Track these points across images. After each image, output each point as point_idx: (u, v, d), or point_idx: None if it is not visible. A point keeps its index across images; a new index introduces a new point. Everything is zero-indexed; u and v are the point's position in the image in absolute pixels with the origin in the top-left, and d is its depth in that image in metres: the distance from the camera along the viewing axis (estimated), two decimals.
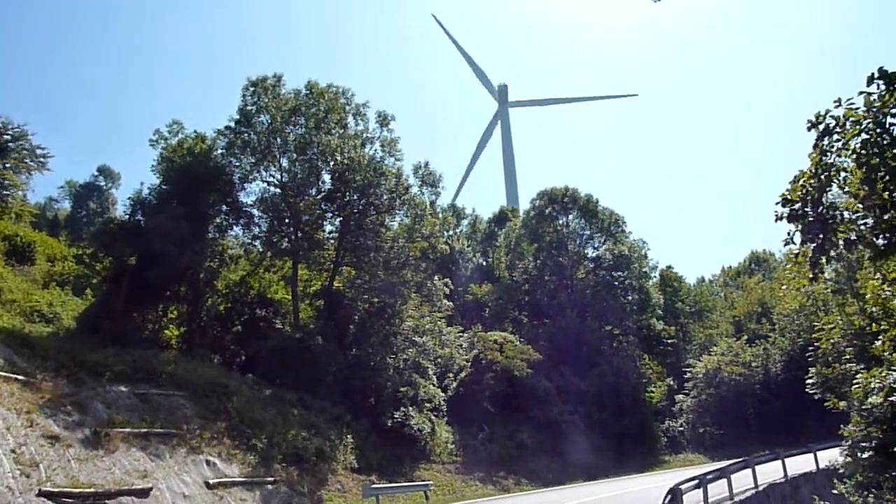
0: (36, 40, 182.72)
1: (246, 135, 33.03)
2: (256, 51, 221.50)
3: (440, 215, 46.20)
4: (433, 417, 31.96)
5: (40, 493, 13.97)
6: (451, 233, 56.32)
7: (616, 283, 48.97)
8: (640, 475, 34.45)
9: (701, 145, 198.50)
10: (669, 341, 57.32)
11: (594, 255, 51.07)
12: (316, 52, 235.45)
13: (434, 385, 33.94)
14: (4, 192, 32.12)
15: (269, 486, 21.05)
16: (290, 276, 34.49)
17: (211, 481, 19.06)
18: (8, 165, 31.58)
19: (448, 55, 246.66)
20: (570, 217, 51.42)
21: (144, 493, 16.34)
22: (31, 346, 20.95)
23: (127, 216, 33.13)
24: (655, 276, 58.47)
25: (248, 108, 33.05)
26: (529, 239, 50.61)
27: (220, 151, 33.59)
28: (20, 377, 18.29)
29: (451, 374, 37.32)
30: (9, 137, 31.01)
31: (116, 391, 20.47)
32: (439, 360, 36.58)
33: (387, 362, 31.95)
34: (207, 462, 19.88)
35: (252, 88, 33.07)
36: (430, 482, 27.04)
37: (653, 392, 50.65)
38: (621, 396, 43.57)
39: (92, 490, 15.17)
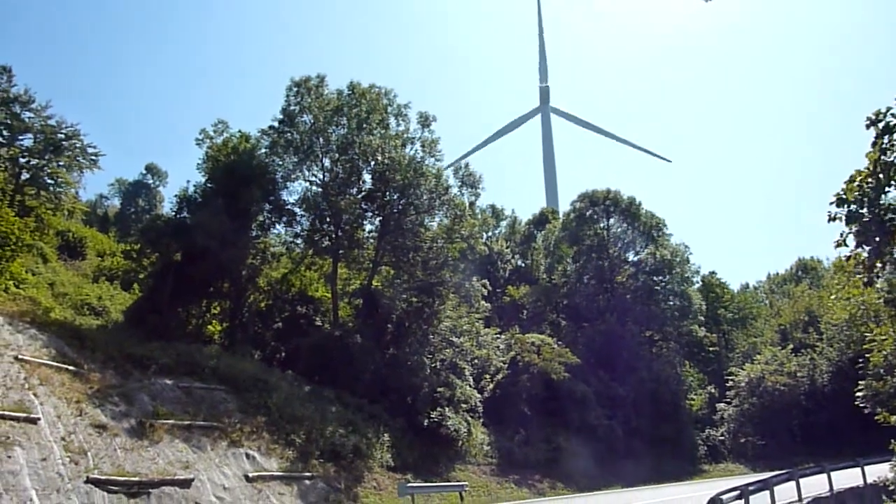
0: (88, 41, 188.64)
1: (289, 134, 33.48)
2: (302, 51, 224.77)
3: (479, 216, 46.12)
4: (469, 418, 31.91)
5: (88, 480, 14.42)
6: (490, 234, 56.17)
7: (657, 287, 48.24)
8: (679, 483, 33.85)
9: (747, 149, 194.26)
10: (711, 348, 56.18)
11: (635, 258, 50.37)
12: (356, 45, 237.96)
13: (471, 386, 33.90)
14: (58, 190, 33.12)
15: (307, 482, 21.30)
16: (330, 274, 34.84)
17: (250, 474, 19.40)
18: (62, 164, 32.58)
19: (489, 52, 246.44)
20: (612, 220, 50.73)
21: (186, 483, 16.73)
22: (81, 339, 21.65)
23: (173, 213, 33.87)
24: (698, 282, 57.32)
25: (292, 108, 33.50)
26: (569, 241, 50.16)
27: (263, 151, 34.11)
28: (70, 368, 18.93)
29: (487, 376, 37.24)
30: (62, 136, 31.98)
31: (161, 383, 21.03)
32: (476, 361, 36.54)
33: (424, 362, 32.02)
34: (247, 455, 20.24)
35: (295, 89, 33.52)
36: (466, 483, 27.02)
37: (693, 399, 49.71)
38: (661, 403, 42.84)
39: (137, 479, 15.60)
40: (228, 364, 24.77)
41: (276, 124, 33.70)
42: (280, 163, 34.12)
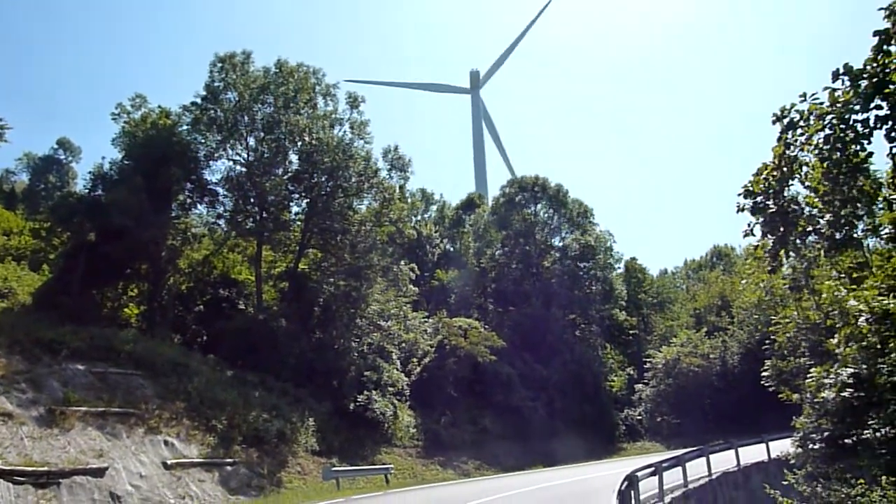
0: None
1: (212, 111, 32.41)
2: (230, 27, 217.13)
3: (409, 200, 46.05)
4: (396, 402, 32.01)
5: None
6: (419, 218, 56.21)
7: (581, 273, 49.54)
8: (599, 462, 35.05)
9: (668, 139, 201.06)
10: (631, 332, 58.26)
11: (561, 244, 51.53)
12: (290, 28, 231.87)
13: (398, 369, 33.98)
14: None
15: (229, 468, 20.90)
16: (254, 256, 34.08)
17: (169, 461, 18.84)
18: None
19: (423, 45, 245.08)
20: (539, 206, 51.74)
21: (100, 472, 16.08)
22: None
23: (87, 190, 32.28)
24: (620, 268, 59.26)
25: (216, 84, 32.42)
26: (498, 226, 50.79)
27: (185, 128, 32.96)
28: None
29: (415, 359, 37.41)
30: None
31: (73, 369, 20.03)
32: (404, 344, 36.66)
33: (351, 346, 31.90)
34: (165, 442, 19.65)
35: (220, 64, 32.44)
36: (391, 465, 27.12)
37: (614, 381, 51.46)
38: (583, 384, 44.19)
39: (46, 469, 14.86)
40: (146, 348, 23.86)
41: (198, 101, 32.58)
42: (202, 141, 33.05)
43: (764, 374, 23.93)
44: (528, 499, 18.63)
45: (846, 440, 11.87)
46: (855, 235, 6.94)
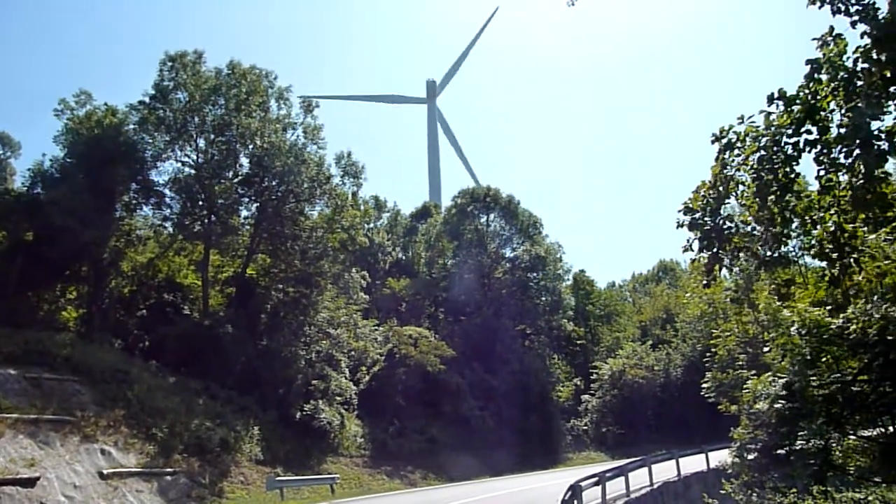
0: None
1: (161, 111, 31.67)
2: (181, 34, 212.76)
3: (361, 207, 45.76)
4: (343, 411, 31.71)
5: None
6: (371, 225, 55.90)
7: (531, 283, 50.05)
8: (545, 472, 35.36)
9: (620, 154, 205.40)
10: (579, 342, 59.12)
11: (512, 255, 51.99)
12: (246, 31, 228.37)
13: (346, 378, 33.69)
14: None
15: (168, 477, 20.35)
16: (201, 260, 33.35)
17: (105, 471, 18.25)
18: None
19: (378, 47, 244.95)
20: (491, 216, 52.14)
21: (31, 482, 15.45)
22: None
23: (25, 188, 31.10)
24: (569, 279, 60.15)
25: (165, 83, 31.71)
26: (450, 236, 50.95)
27: (132, 127, 32.07)
28: None
29: (364, 368, 37.15)
30: None
31: (4, 374, 19.25)
32: (353, 352, 36.35)
33: (299, 354, 31.49)
34: (102, 451, 19.02)
35: (170, 63, 31.74)
36: (337, 475, 26.87)
37: (560, 391, 52.08)
38: (530, 394, 44.57)
39: None
40: (84, 353, 23.09)
41: (146, 100, 31.79)
42: (150, 141, 32.25)
43: (704, 385, 24.61)
44: None
45: (779, 450, 12.29)
46: (786, 252, 7.29)
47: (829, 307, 9.88)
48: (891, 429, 11.33)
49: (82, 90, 32.25)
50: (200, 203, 32.67)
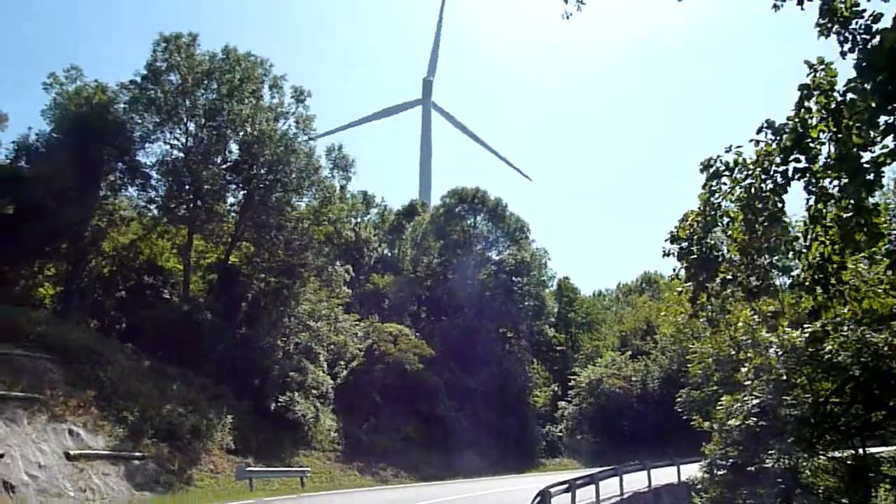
0: None
1: (152, 92, 31.38)
2: (182, 7, 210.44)
3: (349, 201, 45.60)
4: (319, 404, 31.54)
5: None
6: (358, 220, 55.71)
7: (515, 287, 50.06)
8: (517, 475, 35.36)
9: (611, 167, 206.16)
10: (559, 349, 59.27)
11: (497, 258, 52.02)
12: (243, 15, 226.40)
13: (324, 371, 33.52)
14: None
15: (137, 462, 20.15)
16: (184, 245, 33.04)
17: (72, 452, 18.02)
18: None
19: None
20: (479, 218, 52.14)
21: None
22: None
23: (9, 161, 30.64)
24: (553, 285, 60.28)
25: (158, 64, 31.43)
26: (436, 235, 50.88)
27: (121, 106, 31.77)
28: None
29: (342, 362, 36.98)
30: None
31: None
32: (332, 346, 36.18)
33: (277, 344, 31.35)
34: (70, 432, 18.78)
35: (164, 44, 31.45)
36: (308, 469, 26.70)
37: (538, 396, 52.19)
38: (507, 398, 44.60)
39: None
40: (58, 332, 22.78)
41: (138, 80, 31.54)
42: (139, 121, 31.93)
43: (678, 400, 24.72)
44: None
45: (749, 468, 12.36)
46: (771, 283, 7.27)
47: (807, 337, 9.87)
48: (860, 451, 11.43)
49: (73, 65, 31.92)
50: (187, 187, 32.37)
